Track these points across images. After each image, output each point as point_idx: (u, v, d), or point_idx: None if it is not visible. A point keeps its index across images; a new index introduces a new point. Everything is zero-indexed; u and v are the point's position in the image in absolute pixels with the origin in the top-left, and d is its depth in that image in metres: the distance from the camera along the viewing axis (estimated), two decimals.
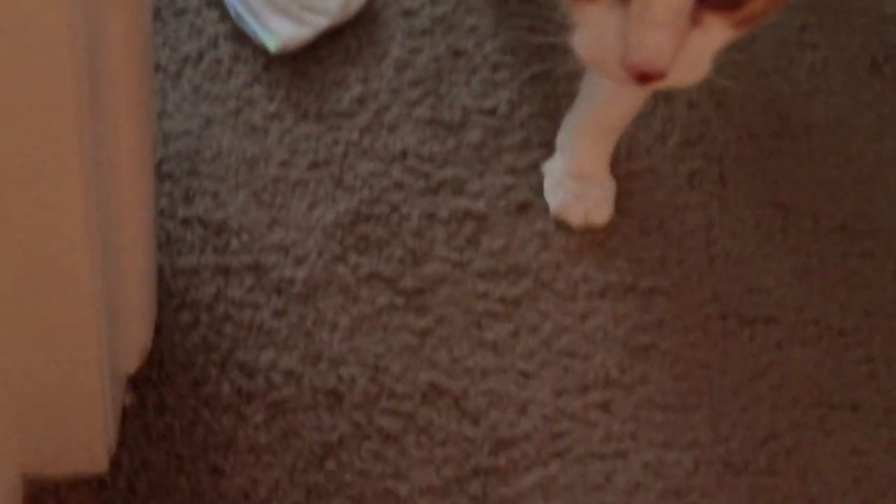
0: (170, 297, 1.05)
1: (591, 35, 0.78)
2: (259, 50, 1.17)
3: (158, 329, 1.02)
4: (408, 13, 1.19)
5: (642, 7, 0.73)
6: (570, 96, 1.10)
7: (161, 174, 1.11)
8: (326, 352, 1.03)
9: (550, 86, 1.15)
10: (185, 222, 1.09)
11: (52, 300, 0.82)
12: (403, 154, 1.13)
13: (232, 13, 1.19)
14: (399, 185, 1.12)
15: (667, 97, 1.14)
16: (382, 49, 1.19)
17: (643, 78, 0.75)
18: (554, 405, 1.01)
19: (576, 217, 1.09)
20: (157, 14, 1.20)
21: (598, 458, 1.00)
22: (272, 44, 1.16)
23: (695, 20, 0.75)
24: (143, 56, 0.86)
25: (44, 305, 0.82)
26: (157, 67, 1.17)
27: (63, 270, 0.80)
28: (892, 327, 1.08)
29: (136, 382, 1.00)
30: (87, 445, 0.94)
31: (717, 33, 0.76)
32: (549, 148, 1.11)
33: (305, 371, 1.02)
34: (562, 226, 1.09)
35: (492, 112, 1.14)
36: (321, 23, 1.18)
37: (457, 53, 1.17)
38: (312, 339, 1.04)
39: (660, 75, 0.75)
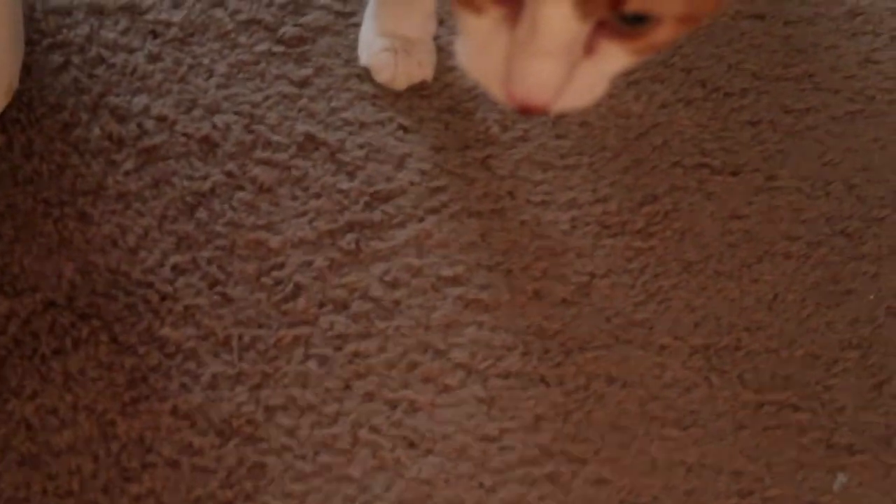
0: (41, 36, 1.03)
1: (475, 49, 0.70)
2: None
3: (28, 69, 1.01)
4: None
5: (528, 33, 0.65)
6: None
7: None
8: (201, 98, 1.02)
9: None
10: None
11: None
12: None
13: None
14: None
15: None
16: None
17: (525, 108, 0.68)
18: (432, 160, 1.01)
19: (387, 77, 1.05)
20: None
21: (474, 215, 1.00)
22: None
23: (589, 48, 0.67)
24: None
25: None
26: None
27: None
28: (779, 90, 1.08)
29: (3, 124, 0.99)
30: None
31: (613, 61, 0.69)
32: None
33: (179, 118, 1.01)
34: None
35: None
36: None
37: None
38: (187, 85, 1.03)
39: (544, 107, 0.68)
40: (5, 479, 0.87)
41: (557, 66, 0.66)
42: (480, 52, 0.69)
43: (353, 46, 1.05)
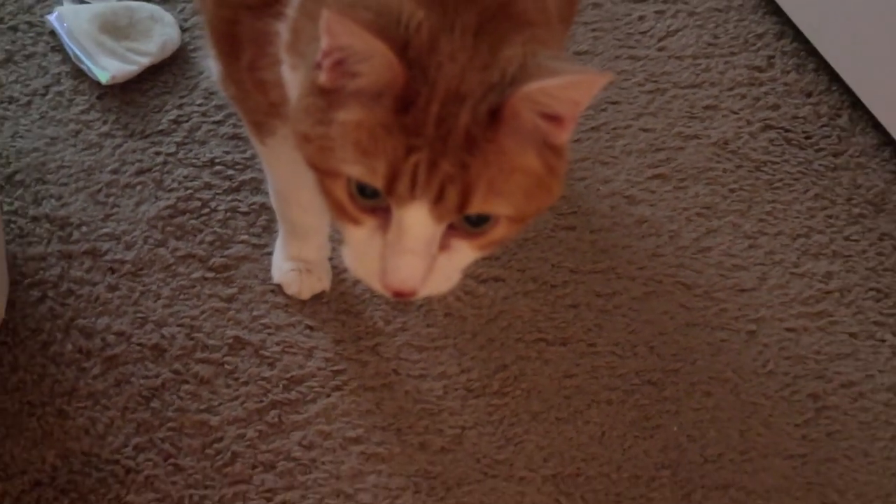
0: (23, 277, 1.09)
1: (356, 254, 0.73)
2: (94, 83, 1.23)
3: (12, 304, 1.06)
4: None
5: (396, 237, 0.69)
6: None
7: (14, 182, 1.15)
8: (151, 316, 1.08)
9: None
10: (35, 219, 1.13)
11: None
12: (212, 161, 1.19)
13: (71, 55, 1.25)
14: (209, 186, 1.17)
15: None
16: (193, 82, 1.25)
17: (398, 294, 0.71)
18: (334, 350, 1.08)
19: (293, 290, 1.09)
20: (10, 57, 1.25)
21: (369, 389, 1.06)
22: (104, 78, 1.22)
23: (444, 245, 0.70)
24: None
25: None
26: (11, 100, 1.22)
27: None
28: (591, 280, 1.15)
29: None
30: None
31: (463, 255, 0.72)
32: None
33: (134, 332, 1.07)
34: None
35: None
36: (144, 61, 1.24)
37: None
38: (139, 307, 1.08)
39: (412, 293, 0.71)
40: None
41: (420, 261, 0.69)
42: (361, 255, 0.73)
43: (267, 269, 1.11)
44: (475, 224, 0.70)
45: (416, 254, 0.69)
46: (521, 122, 0.67)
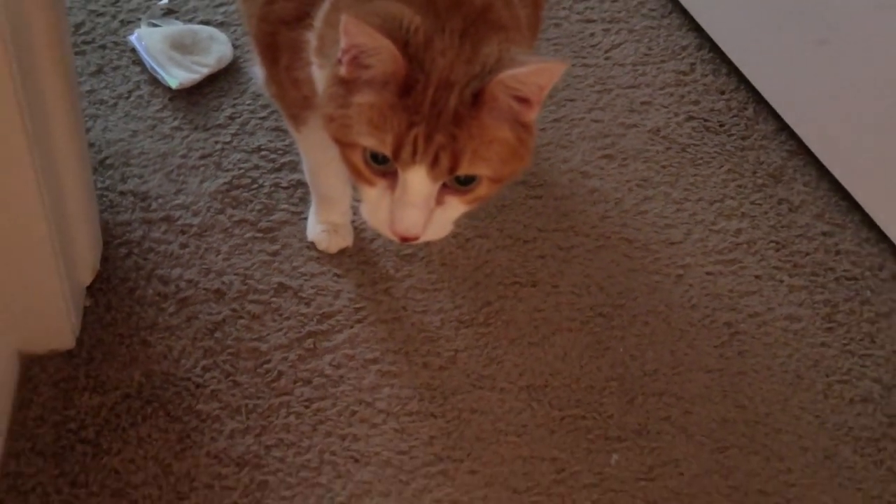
0: (112, 239, 1.08)
1: (371, 208, 0.73)
2: (166, 89, 1.22)
3: (106, 259, 1.06)
4: None
5: (401, 194, 0.69)
6: None
7: (105, 165, 1.14)
8: (213, 267, 1.07)
9: None
10: (122, 193, 1.12)
11: (25, 249, 0.86)
12: (259, 148, 1.18)
13: (148, 67, 1.24)
14: (257, 167, 1.16)
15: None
16: (243, 87, 1.24)
17: (404, 239, 0.71)
18: (355, 292, 1.07)
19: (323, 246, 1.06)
20: (100, 69, 1.24)
21: (383, 322, 1.05)
22: (173, 84, 1.21)
23: (439, 200, 0.71)
24: (69, 77, 0.87)
25: (30, 250, 0.86)
26: (101, 102, 1.20)
27: (26, 229, 0.83)
28: (555, 237, 1.14)
29: (91, 291, 1.03)
30: (60, 330, 0.96)
31: (454, 208, 0.72)
32: None
33: (200, 279, 1.06)
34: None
35: None
36: (204, 71, 1.23)
37: None
38: (204, 260, 1.08)
39: (415, 238, 0.71)
40: None
41: (421, 212, 0.70)
42: (375, 209, 0.73)
43: (303, 230, 1.10)
44: (463, 183, 0.70)
45: (418, 207, 0.70)
46: (498, 104, 0.68)
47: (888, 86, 1.12)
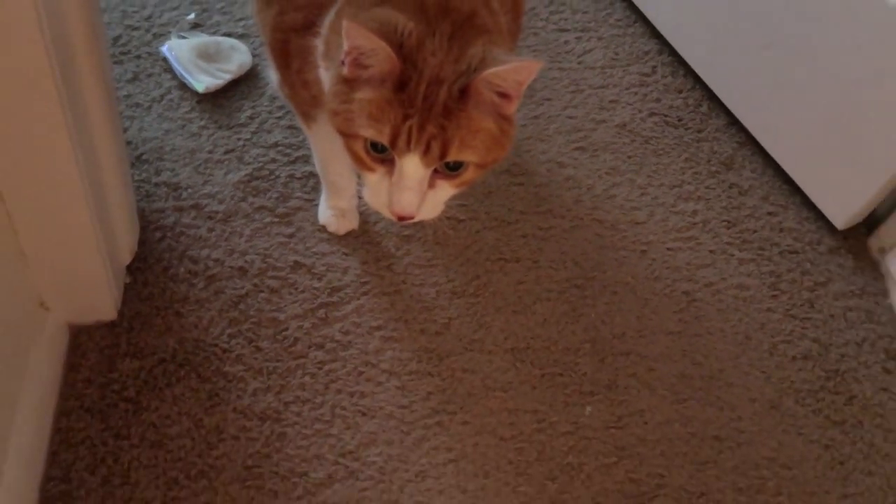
0: (148, 224, 1.06)
1: (372, 191, 0.72)
2: (194, 93, 1.20)
3: (142, 242, 1.04)
4: None
5: (398, 178, 0.68)
6: None
7: (142, 160, 1.12)
8: (237, 248, 1.06)
9: None
10: (156, 185, 1.10)
11: (71, 235, 0.85)
12: (276, 144, 1.16)
13: (178, 74, 1.22)
14: (274, 160, 1.14)
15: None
16: (261, 90, 1.22)
17: (401, 218, 0.70)
18: (361, 268, 1.06)
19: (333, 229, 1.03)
20: (136, 76, 1.22)
21: (386, 294, 1.04)
22: (200, 88, 1.20)
23: (431, 184, 0.70)
24: (105, 68, 0.85)
25: (76, 235, 0.85)
26: (137, 105, 1.18)
27: (71, 217, 0.83)
28: (534, 220, 1.12)
29: (130, 269, 1.02)
30: (104, 304, 0.96)
31: (445, 191, 0.72)
32: None
33: (226, 259, 1.05)
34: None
35: None
36: (227, 77, 1.21)
37: None
38: (229, 242, 1.06)
39: (411, 217, 0.71)
40: (142, 456, 0.89)
41: (415, 194, 0.70)
42: (375, 192, 0.73)
43: (315, 215, 1.08)
44: (452, 169, 0.70)
45: (412, 189, 0.69)
46: (482, 98, 0.67)
47: (822, 84, 1.11)
